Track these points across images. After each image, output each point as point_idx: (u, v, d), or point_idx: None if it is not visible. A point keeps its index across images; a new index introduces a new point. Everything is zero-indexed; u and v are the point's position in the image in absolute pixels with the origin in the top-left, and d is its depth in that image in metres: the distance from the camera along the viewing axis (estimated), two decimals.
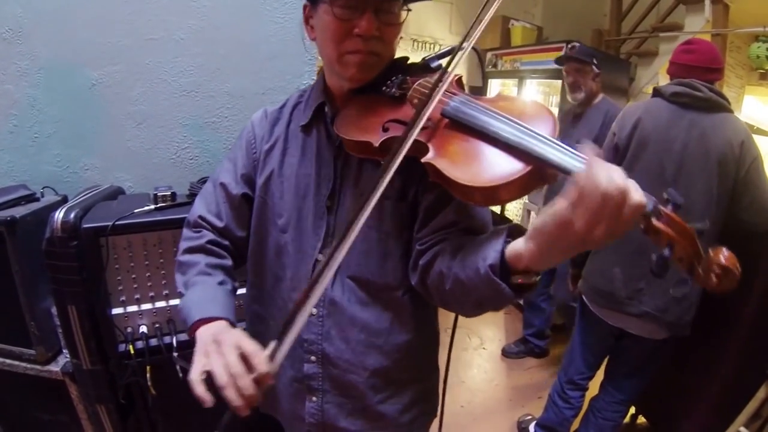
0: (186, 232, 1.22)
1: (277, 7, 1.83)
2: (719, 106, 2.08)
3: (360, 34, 0.98)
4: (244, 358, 0.86)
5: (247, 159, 1.21)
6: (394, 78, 1.07)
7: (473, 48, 1.07)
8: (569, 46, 3.40)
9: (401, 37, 1.12)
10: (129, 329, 1.45)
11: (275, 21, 1.84)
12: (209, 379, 0.86)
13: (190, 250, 1.17)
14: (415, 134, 0.87)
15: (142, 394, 1.50)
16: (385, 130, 0.98)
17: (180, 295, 1.12)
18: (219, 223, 1.19)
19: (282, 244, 1.15)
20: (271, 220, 1.16)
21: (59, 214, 1.38)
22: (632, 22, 5.45)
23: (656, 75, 4.73)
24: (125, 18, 1.71)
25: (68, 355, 1.49)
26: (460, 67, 0.96)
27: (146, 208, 1.48)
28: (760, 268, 2.15)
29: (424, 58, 1.14)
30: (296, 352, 1.12)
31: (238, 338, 0.90)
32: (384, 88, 1.06)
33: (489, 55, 5.52)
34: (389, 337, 1.13)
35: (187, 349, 1.46)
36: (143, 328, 1.46)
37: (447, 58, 0.96)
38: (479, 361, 3.67)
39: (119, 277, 1.43)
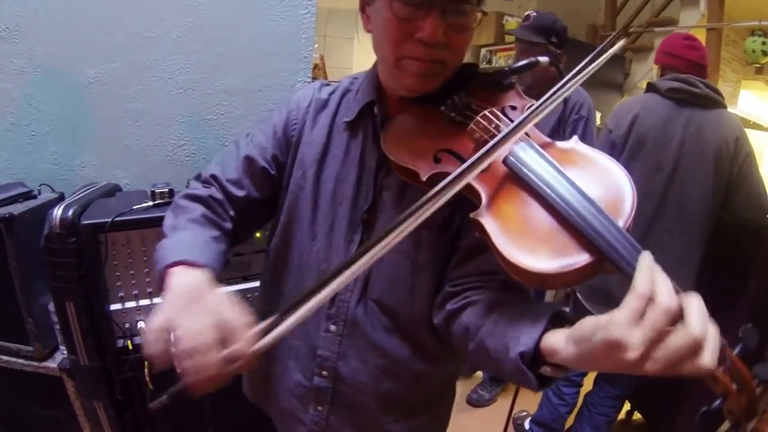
0: (193, 183, 1.11)
1: (273, 5, 1.83)
2: (715, 102, 2.10)
3: (423, 39, 0.84)
4: (221, 329, 0.71)
5: (283, 140, 1.09)
6: (456, 97, 0.93)
7: (551, 62, 0.98)
8: (525, 16, 2.63)
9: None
10: (127, 325, 1.45)
11: (271, 18, 1.84)
12: (169, 339, 0.70)
13: (191, 197, 1.04)
14: (464, 183, 0.74)
15: (139, 390, 1.51)
16: (437, 161, 0.85)
17: (161, 237, 0.95)
18: (237, 192, 1.06)
19: (308, 252, 1.05)
20: (301, 221, 1.05)
21: (58, 211, 1.38)
22: (627, 16, 5.47)
23: (651, 70, 4.73)
24: (122, 16, 1.71)
25: (65, 352, 1.49)
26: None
27: (144, 204, 1.48)
28: (755, 264, 2.17)
29: (498, 71, 0.98)
30: (308, 363, 1.06)
31: (222, 300, 0.75)
32: (443, 107, 0.92)
33: (483, 51, 5.53)
34: (408, 365, 1.03)
35: None
36: (141, 324, 1.46)
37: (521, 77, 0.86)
38: None
39: (117, 273, 1.43)
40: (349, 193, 1.00)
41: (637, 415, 2.97)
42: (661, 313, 0.57)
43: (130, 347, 1.43)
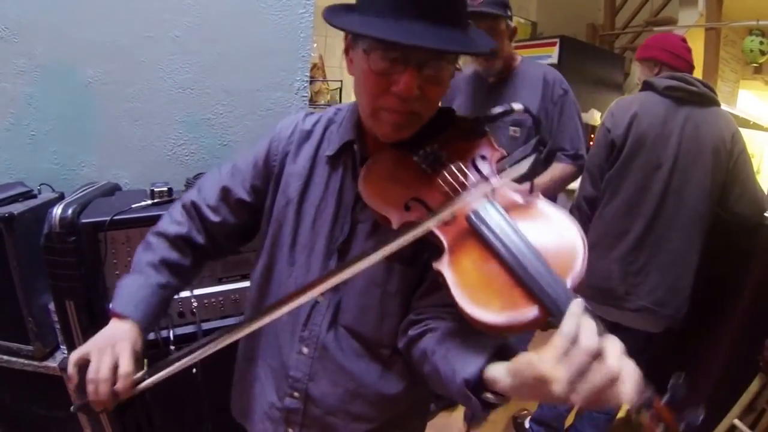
0: (174, 210, 1.20)
1: (272, 5, 1.85)
2: (711, 100, 2.12)
3: (398, 93, 0.85)
4: (115, 371, 0.92)
5: (264, 169, 1.14)
6: (428, 148, 0.96)
7: (526, 109, 0.99)
8: None
9: None
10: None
11: (270, 18, 1.86)
12: (84, 366, 0.93)
13: (160, 235, 1.16)
14: (426, 230, 0.82)
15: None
16: (407, 209, 0.90)
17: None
18: (213, 217, 1.15)
19: (286, 278, 1.09)
20: (281, 248, 1.10)
21: (57, 210, 1.38)
22: (626, 16, 5.49)
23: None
24: (122, 16, 1.72)
25: (66, 351, 1.50)
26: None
27: (144, 203, 1.49)
28: (752, 262, 2.18)
29: (475, 119, 1.01)
30: (281, 383, 1.10)
31: (124, 351, 0.94)
32: (415, 157, 0.96)
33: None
34: (378, 389, 1.06)
35: (185, 343, 1.48)
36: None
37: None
38: None
39: (117, 272, 1.44)
40: (327, 225, 1.05)
41: None
42: (582, 352, 0.63)
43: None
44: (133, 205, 1.46)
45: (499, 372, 0.75)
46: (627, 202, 2.15)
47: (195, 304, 1.53)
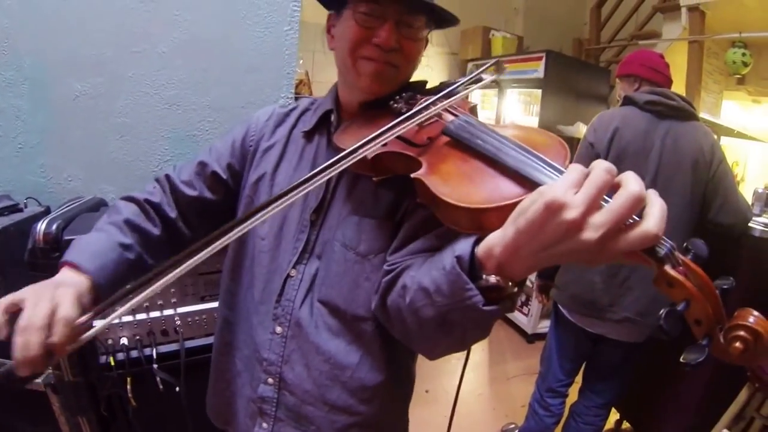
0: (147, 185, 1.20)
1: (258, 21, 1.86)
2: (690, 114, 2.16)
3: (379, 43, 0.96)
4: (51, 317, 0.77)
5: (240, 150, 1.18)
6: (404, 94, 1.04)
7: (496, 82, 1.04)
8: None
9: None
10: (110, 341, 1.45)
11: (255, 35, 1.87)
12: (15, 315, 0.79)
13: (128, 198, 1.13)
14: (393, 134, 0.83)
15: (122, 406, 1.51)
16: (383, 144, 0.89)
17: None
18: (188, 191, 1.15)
19: (258, 252, 1.09)
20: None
21: (41, 226, 1.38)
22: (611, 30, 5.55)
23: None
24: (109, 30, 1.72)
25: (50, 368, 1.50)
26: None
27: None
28: (738, 271, 2.20)
29: (442, 82, 1.10)
30: (255, 371, 1.07)
31: (65, 296, 0.81)
32: (392, 102, 1.02)
33: (470, 65, 5.59)
34: (356, 374, 1.03)
35: (168, 361, 1.48)
36: (124, 340, 1.46)
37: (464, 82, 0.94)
38: None
39: None
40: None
41: (626, 424, 2.99)
42: (602, 170, 0.57)
43: (113, 363, 1.43)
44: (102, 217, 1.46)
45: (495, 235, 0.66)
46: None
47: (178, 322, 1.53)
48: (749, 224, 2.21)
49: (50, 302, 0.79)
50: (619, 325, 2.17)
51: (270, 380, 1.05)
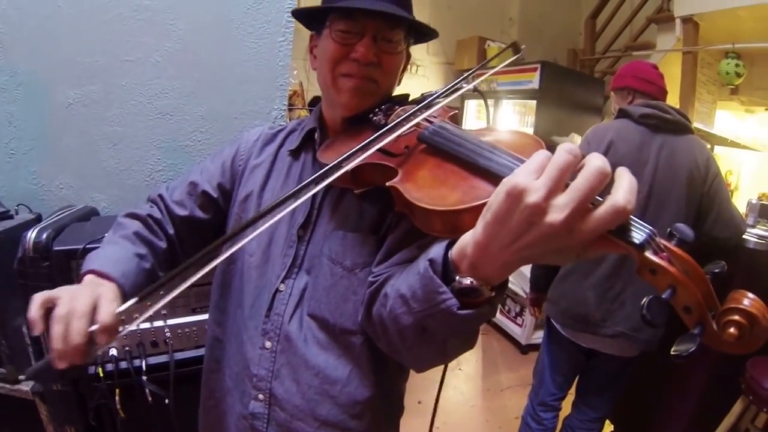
0: (141, 204, 1.22)
1: (252, 32, 1.86)
2: (685, 128, 2.15)
3: (357, 58, 0.98)
4: (94, 304, 0.79)
5: (230, 169, 1.20)
6: (383, 106, 1.05)
7: (477, 90, 1.08)
8: None
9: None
10: (98, 352, 1.44)
11: (249, 45, 1.87)
12: (51, 310, 0.78)
13: (130, 215, 1.15)
14: (373, 147, 0.83)
15: (111, 417, 1.49)
16: (361, 154, 0.87)
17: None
18: (179, 211, 1.17)
19: (247, 269, 1.10)
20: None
21: (31, 235, 1.37)
22: (606, 41, 5.58)
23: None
24: (103, 38, 1.72)
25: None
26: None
27: None
28: (733, 282, 2.21)
29: (423, 94, 1.08)
30: (245, 387, 1.07)
31: (108, 291, 0.84)
32: (371, 116, 1.03)
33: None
34: (345, 389, 1.02)
35: (157, 372, 1.47)
36: (113, 351, 1.45)
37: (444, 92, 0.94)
38: (456, 382, 3.64)
39: None
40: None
41: None
42: (563, 151, 0.55)
43: (101, 374, 1.42)
44: (107, 234, 1.45)
45: (466, 236, 0.65)
46: None
47: (168, 334, 1.52)
48: (743, 236, 2.21)
49: (90, 294, 0.80)
50: (612, 340, 2.16)
51: (260, 396, 1.05)
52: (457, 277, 0.66)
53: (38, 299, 0.80)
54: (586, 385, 2.49)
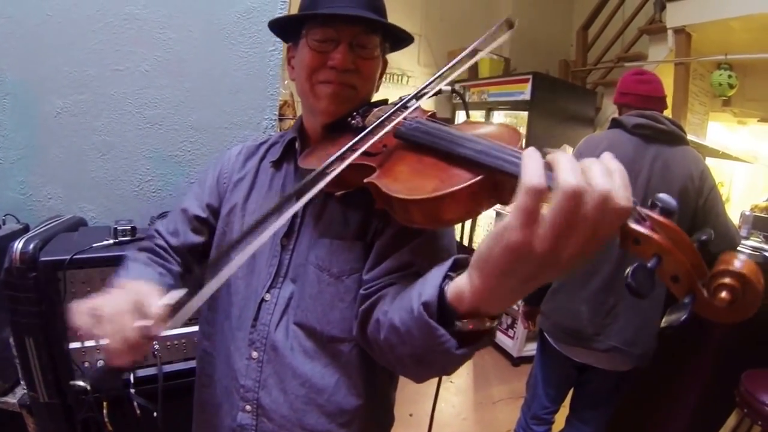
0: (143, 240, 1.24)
1: (242, 41, 1.86)
2: (680, 138, 2.13)
3: (334, 65, 0.99)
4: (136, 302, 0.78)
5: (216, 189, 1.21)
6: (360, 110, 1.06)
7: (453, 89, 1.09)
8: None
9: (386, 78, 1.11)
10: (86, 364, 1.42)
11: (239, 55, 1.87)
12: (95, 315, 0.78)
13: (139, 249, 1.17)
14: (357, 151, 0.82)
15: (98, 430, 1.47)
16: (342, 159, 0.85)
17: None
18: (173, 241, 1.19)
19: (234, 280, 1.10)
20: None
21: (18, 245, 1.36)
22: (598, 52, 5.61)
23: None
24: (92, 47, 1.72)
25: (26, 387, 1.47)
26: (429, 104, 0.95)
27: (105, 242, 1.47)
28: None
29: (401, 97, 1.05)
30: (233, 399, 1.06)
31: (146, 290, 0.82)
32: (350, 119, 1.04)
33: (456, 87, 5.63)
34: (333, 397, 1.02)
35: (146, 385, 1.45)
36: (101, 363, 1.43)
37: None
38: (447, 395, 3.60)
39: None
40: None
41: None
42: (522, 195, 0.52)
43: (89, 387, 1.40)
44: (95, 245, 1.44)
45: (461, 279, 0.64)
46: None
47: (157, 345, 1.50)
48: (737, 248, 2.21)
49: (134, 293, 0.80)
50: (605, 354, 2.14)
51: (248, 407, 1.04)
52: (458, 324, 0.66)
53: (81, 308, 0.79)
54: (580, 401, 2.47)
